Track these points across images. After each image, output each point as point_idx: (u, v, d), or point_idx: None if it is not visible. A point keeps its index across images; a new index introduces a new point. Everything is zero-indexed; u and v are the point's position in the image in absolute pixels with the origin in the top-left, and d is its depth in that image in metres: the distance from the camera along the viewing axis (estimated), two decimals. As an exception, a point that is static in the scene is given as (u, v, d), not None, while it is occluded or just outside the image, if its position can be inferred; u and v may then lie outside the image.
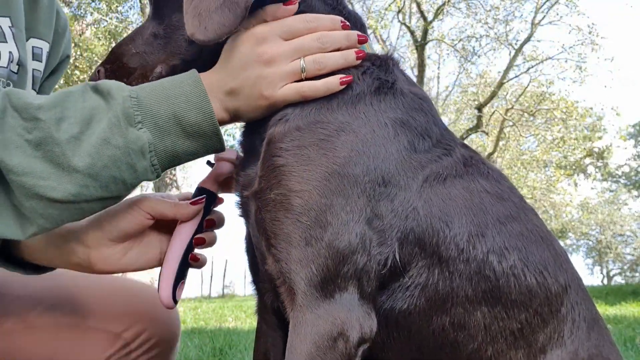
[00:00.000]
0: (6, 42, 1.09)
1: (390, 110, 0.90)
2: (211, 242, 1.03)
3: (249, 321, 7.56)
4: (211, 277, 27.49)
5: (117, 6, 12.22)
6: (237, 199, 0.98)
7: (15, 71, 1.12)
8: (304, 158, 0.85)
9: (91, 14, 11.96)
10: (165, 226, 1.02)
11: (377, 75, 0.94)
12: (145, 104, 0.85)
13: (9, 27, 1.10)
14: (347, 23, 0.96)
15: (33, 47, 1.20)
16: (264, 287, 0.93)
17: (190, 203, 1.00)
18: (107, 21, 12.01)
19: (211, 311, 9.61)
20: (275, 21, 0.92)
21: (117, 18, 12.39)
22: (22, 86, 1.13)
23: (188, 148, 0.88)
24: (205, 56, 0.95)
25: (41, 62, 1.22)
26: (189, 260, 1.00)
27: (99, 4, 12.08)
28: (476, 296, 0.87)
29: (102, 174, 0.83)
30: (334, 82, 0.91)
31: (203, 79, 0.89)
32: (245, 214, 0.96)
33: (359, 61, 0.94)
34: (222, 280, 28.20)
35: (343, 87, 0.91)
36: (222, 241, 1.10)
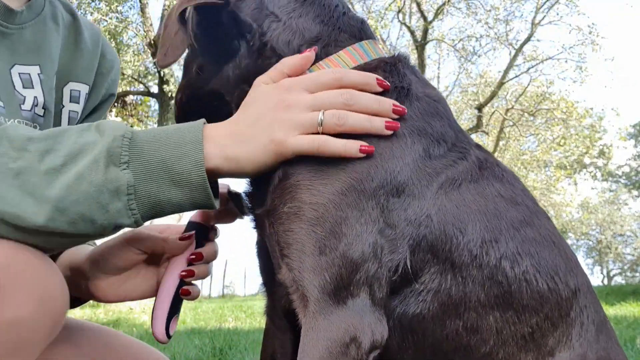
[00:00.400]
0: (33, 87, 1.12)
1: (407, 119, 0.90)
2: (201, 275, 1.03)
3: (249, 321, 7.57)
4: (211, 277, 26.98)
5: (117, 6, 12.19)
6: (251, 215, 0.99)
7: (41, 114, 1.14)
8: (322, 174, 0.85)
9: (91, 14, 11.93)
10: (161, 257, 1.04)
11: (392, 84, 0.92)
12: (138, 146, 0.82)
13: (38, 74, 1.13)
14: (385, 82, 0.90)
15: (71, 90, 1.22)
16: (280, 291, 0.93)
17: (179, 238, 1.01)
18: (107, 21, 11.99)
19: (211, 311, 9.62)
20: (303, 75, 0.90)
21: (117, 18, 12.36)
22: (47, 127, 1.15)
23: (172, 197, 0.83)
24: (208, 88, 1.00)
25: (78, 103, 1.24)
26: (180, 295, 1.01)
27: (99, 4, 12.06)
28: (489, 301, 0.87)
29: (71, 209, 0.80)
30: (353, 148, 0.84)
31: (211, 126, 0.87)
32: (259, 227, 0.96)
33: (388, 132, 0.87)
34: (222, 281, 28.24)
35: (362, 155, 0.85)
36: (222, 241, 1.11)
